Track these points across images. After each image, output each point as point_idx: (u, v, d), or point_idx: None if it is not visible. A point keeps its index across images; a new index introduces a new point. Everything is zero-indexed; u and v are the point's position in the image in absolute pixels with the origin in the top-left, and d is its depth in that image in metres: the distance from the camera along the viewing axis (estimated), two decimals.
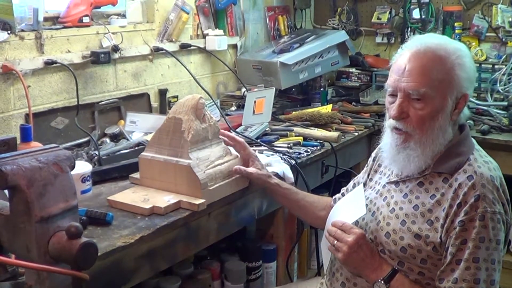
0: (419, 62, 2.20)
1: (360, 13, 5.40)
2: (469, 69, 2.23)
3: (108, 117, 3.47)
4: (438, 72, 2.18)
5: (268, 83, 4.21)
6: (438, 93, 2.18)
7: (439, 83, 2.17)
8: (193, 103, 2.60)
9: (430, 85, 2.17)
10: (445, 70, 2.18)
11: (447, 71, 2.18)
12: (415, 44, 2.26)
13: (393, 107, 2.24)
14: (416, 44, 2.25)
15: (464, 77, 2.20)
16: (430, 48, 2.21)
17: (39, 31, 3.08)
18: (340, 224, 2.31)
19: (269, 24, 4.99)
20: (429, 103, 2.18)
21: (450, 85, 2.19)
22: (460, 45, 2.29)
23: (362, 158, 4.07)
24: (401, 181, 2.34)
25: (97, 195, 2.61)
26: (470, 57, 2.26)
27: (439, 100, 2.18)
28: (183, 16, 3.90)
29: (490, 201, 2.10)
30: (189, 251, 2.66)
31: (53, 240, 1.49)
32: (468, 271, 2.08)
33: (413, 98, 2.20)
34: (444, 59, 2.19)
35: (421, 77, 2.17)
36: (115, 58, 3.50)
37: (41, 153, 1.55)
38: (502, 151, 3.78)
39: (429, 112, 2.19)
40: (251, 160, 2.75)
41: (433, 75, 2.17)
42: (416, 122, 2.21)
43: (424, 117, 2.19)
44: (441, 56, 2.19)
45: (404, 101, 2.22)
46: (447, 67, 2.18)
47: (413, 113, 2.21)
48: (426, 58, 2.20)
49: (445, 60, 2.19)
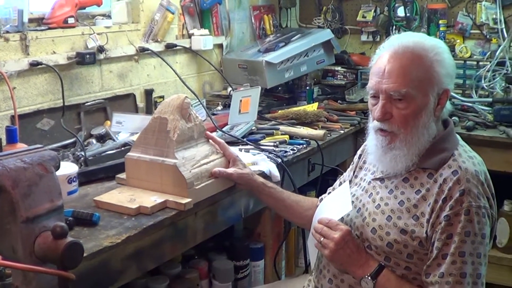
0: (398, 62, 2.21)
1: (345, 11, 5.41)
2: (448, 65, 2.25)
3: (94, 118, 3.46)
4: (417, 71, 2.19)
5: (254, 82, 4.21)
6: (420, 91, 2.19)
7: (419, 82, 2.19)
8: (178, 102, 2.61)
9: (410, 84, 2.18)
10: (425, 68, 2.20)
11: (427, 69, 2.20)
12: (392, 44, 2.28)
13: (376, 109, 2.26)
14: (394, 44, 2.27)
15: (443, 73, 2.22)
16: (408, 48, 2.23)
17: (24, 32, 3.07)
18: (326, 221, 2.32)
19: (254, 23, 4.99)
20: (412, 102, 2.19)
21: (430, 83, 2.21)
22: (437, 42, 2.31)
23: (348, 156, 4.07)
24: (386, 178, 2.35)
25: (83, 196, 2.61)
26: (448, 53, 2.28)
27: (421, 98, 2.20)
28: (168, 16, 3.90)
29: (475, 196, 2.11)
30: (176, 251, 2.67)
31: (38, 241, 1.50)
32: (454, 265, 2.09)
33: (395, 99, 2.21)
34: (423, 57, 2.21)
35: (401, 78, 2.19)
36: (101, 59, 3.49)
37: (25, 154, 1.56)
38: (487, 147, 3.80)
39: (412, 111, 2.20)
40: (232, 160, 2.75)
41: (413, 74, 2.19)
42: (400, 122, 2.23)
43: (408, 116, 2.21)
44: (419, 54, 2.21)
45: (386, 102, 2.23)
46: (426, 65, 2.20)
47: (396, 113, 2.22)
48: (405, 58, 2.21)
49: (424, 58, 2.21)
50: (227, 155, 2.75)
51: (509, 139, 3.83)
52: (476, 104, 4.37)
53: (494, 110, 4.12)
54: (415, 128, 2.22)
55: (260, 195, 2.76)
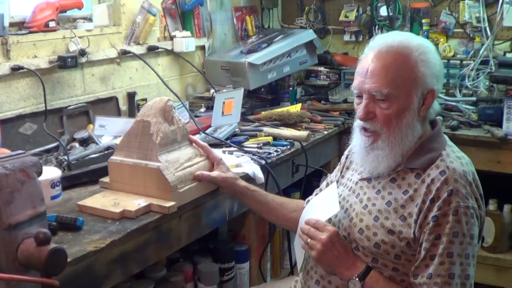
0: (381, 62, 2.21)
1: (327, 11, 5.41)
2: (434, 65, 2.24)
3: (77, 121, 3.43)
4: (400, 70, 2.19)
5: (237, 84, 4.21)
6: (403, 91, 2.19)
7: (402, 82, 2.18)
8: (161, 105, 2.59)
9: (393, 85, 2.18)
10: (408, 68, 2.19)
11: (410, 69, 2.19)
12: (377, 43, 2.27)
13: (360, 108, 2.26)
14: (379, 43, 2.27)
15: (428, 73, 2.21)
16: (392, 47, 2.22)
17: (5, 36, 3.05)
18: (314, 222, 2.31)
19: (236, 25, 4.98)
20: (394, 102, 2.19)
21: (414, 83, 2.20)
22: (423, 41, 2.30)
23: (333, 156, 4.08)
24: (373, 178, 2.34)
25: (67, 200, 2.59)
26: (434, 52, 2.26)
27: (404, 98, 2.19)
28: (149, 19, 3.89)
29: (463, 196, 2.11)
30: (161, 254, 2.65)
31: (21, 248, 1.49)
32: (442, 266, 2.09)
33: (378, 99, 2.21)
34: (407, 57, 2.20)
35: (383, 78, 2.19)
36: (82, 62, 3.47)
37: (7, 160, 1.54)
38: (472, 146, 3.81)
39: (395, 111, 2.20)
40: (216, 163, 2.73)
41: (396, 74, 2.18)
42: (383, 121, 2.22)
43: (391, 116, 2.21)
44: (403, 54, 2.21)
45: (369, 102, 2.24)
46: (410, 65, 2.19)
47: (379, 113, 2.22)
48: (389, 58, 2.21)
49: (408, 58, 2.20)
50: (211, 158, 2.74)
51: (494, 138, 3.85)
52: (460, 103, 4.39)
53: (479, 109, 4.14)
54: (398, 128, 2.22)
55: (243, 198, 2.74)
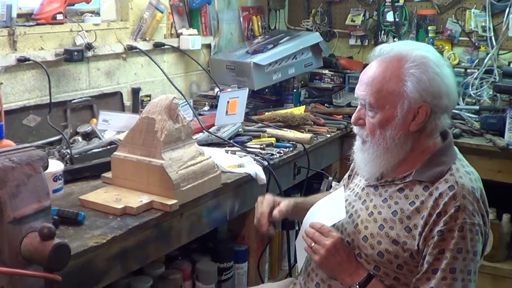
0: (373, 71, 2.21)
1: (334, 15, 5.41)
2: (431, 80, 2.15)
3: (81, 115, 3.44)
4: (388, 82, 2.17)
5: (242, 84, 4.21)
6: (387, 103, 2.18)
7: (388, 93, 2.17)
8: (166, 103, 2.59)
9: (376, 95, 2.18)
10: (396, 81, 2.16)
11: (398, 82, 2.15)
12: (379, 52, 2.26)
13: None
14: (380, 52, 2.25)
15: (418, 88, 2.14)
16: (387, 58, 2.21)
17: (12, 27, 3.05)
18: (319, 226, 2.29)
19: (243, 24, 4.99)
20: (379, 112, 2.20)
21: (400, 96, 2.16)
22: (426, 54, 2.20)
23: (334, 159, 4.09)
24: (380, 185, 2.33)
25: (68, 194, 2.59)
26: (435, 66, 2.16)
27: (389, 110, 2.18)
28: (157, 15, 3.89)
29: (470, 213, 2.10)
30: (161, 252, 2.66)
31: (25, 241, 1.49)
32: (444, 281, 2.08)
33: (366, 107, 2.23)
34: (397, 69, 2.17)
35: (369, 87, 2.20)
36: (88, 56, 3.47)
37: (14, 153, 1.54)
38: (473, 155, 3.79)
39: (378, 121, 2.20)
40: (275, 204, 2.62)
41: (382, 85, 2.17)
42: (369, 129, 2.25)
43: (375, 125, 2.22)
44: (394, 65, 2.18)
45: (361, 108, 2.27)
46: (398, 78, 2.16)
47: (366, 121, 2.25)
48: (380, 68, 2.20)
49: (398, 70, 2.16)
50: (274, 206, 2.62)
51: (495, 148, 3.84)
52: (463, 112, 4.38)
53: (481, 118, 4.13)
54: (381, 138, 2.22)
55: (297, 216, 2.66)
